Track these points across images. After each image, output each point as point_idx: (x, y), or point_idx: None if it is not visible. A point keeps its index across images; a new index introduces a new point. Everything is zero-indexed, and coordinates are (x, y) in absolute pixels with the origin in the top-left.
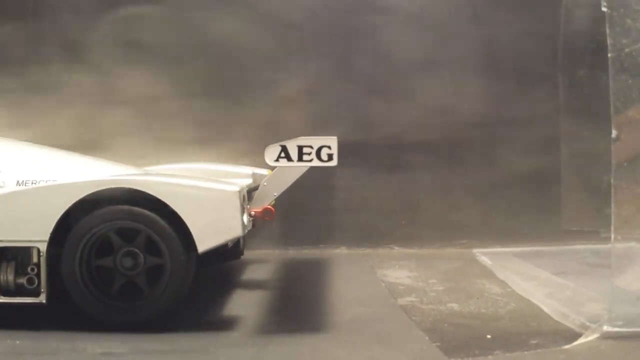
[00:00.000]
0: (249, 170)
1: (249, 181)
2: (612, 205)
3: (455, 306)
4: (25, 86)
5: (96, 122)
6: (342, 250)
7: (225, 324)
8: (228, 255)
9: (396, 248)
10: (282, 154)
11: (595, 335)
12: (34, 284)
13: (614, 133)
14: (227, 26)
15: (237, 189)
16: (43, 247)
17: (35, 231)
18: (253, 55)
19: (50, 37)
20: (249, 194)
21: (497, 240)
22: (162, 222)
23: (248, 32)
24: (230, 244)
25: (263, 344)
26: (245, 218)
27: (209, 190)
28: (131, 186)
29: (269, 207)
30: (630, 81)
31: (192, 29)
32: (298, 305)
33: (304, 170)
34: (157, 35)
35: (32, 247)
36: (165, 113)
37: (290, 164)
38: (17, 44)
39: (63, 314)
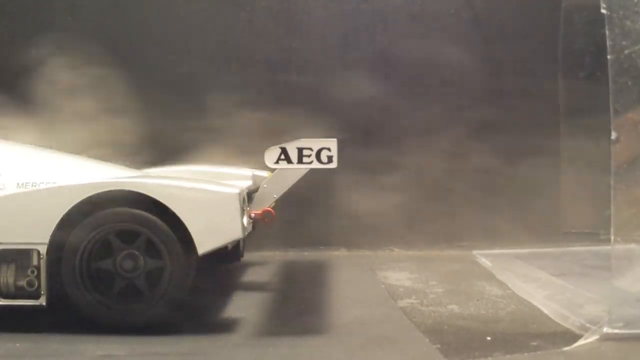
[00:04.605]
0: (248, 172)
1: (249, 183)
2: (612, 207)
3: (455, 308)
4: None
5: None
6: (342, 252)
7: (225, 326)
8: (228, 257)
9: (396, 250)
10: (282, 156)
11: (595, 337)
12: (34, 286)
13: (613, 135)
14: None
15: (237, 191)
16: (43, 250)
17: (35, 233)
18: None
19: None
20: (249, 196)
21: (497, 242)
22: (162, 225)
23: None
24: (230, 246)
25: (263, 346)
26: (245, 220)
27: (208, 193)
28: (131, 188)
29: (269, 209)
30: (629, 83)
31: None
32: (298, 307)
33: (304, 172)
34: None
35: (32, 249)
36: None
37: (290, 166)
38: None
39: (63, 317)
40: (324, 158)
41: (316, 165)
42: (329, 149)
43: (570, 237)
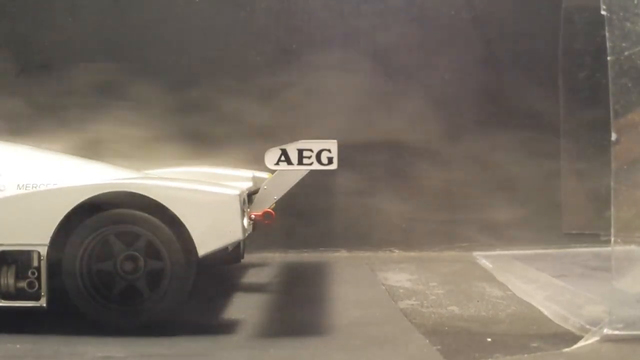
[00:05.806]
0: (249, 173)
1: (249, 184)
2: (612, 208)
3: (455, 309)
4: None
5: None
6: (343, 254)
7: (225, 327)
8: (228, 258)
9: (396, 251)
10: (282, 158)
11: (596, 338)
12: (34, 287)
13: (613, 136)
14: None
15: (238, 192)
16: (44, 251)
17: (35, 235)
18: None
19: None
20: (249, 197)
21: (497, 243)
22: (162, 226)
23: None
24: (230, 248)
25: (263, 347)
26: (246, 221)
27: (209, 194)
28: (132, 190)
29: (269, 210)
30: (629, 84)
31: None
32: (298, 308)
33: (304, 173)
34: None
35: (33, 250)
36: None
37: (290, 167)
38: None
39: (63, 318)
40: (324, 159)
41: (316, 166)
42: (329, 151)
43: (571, 238)
